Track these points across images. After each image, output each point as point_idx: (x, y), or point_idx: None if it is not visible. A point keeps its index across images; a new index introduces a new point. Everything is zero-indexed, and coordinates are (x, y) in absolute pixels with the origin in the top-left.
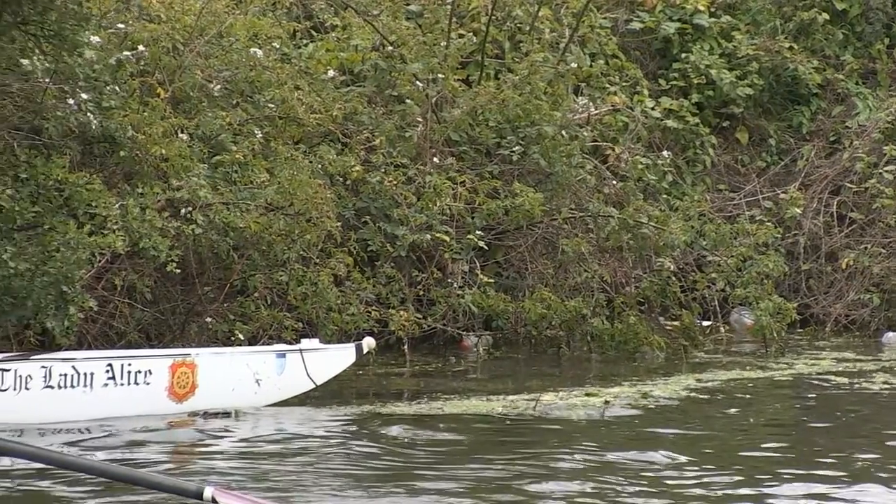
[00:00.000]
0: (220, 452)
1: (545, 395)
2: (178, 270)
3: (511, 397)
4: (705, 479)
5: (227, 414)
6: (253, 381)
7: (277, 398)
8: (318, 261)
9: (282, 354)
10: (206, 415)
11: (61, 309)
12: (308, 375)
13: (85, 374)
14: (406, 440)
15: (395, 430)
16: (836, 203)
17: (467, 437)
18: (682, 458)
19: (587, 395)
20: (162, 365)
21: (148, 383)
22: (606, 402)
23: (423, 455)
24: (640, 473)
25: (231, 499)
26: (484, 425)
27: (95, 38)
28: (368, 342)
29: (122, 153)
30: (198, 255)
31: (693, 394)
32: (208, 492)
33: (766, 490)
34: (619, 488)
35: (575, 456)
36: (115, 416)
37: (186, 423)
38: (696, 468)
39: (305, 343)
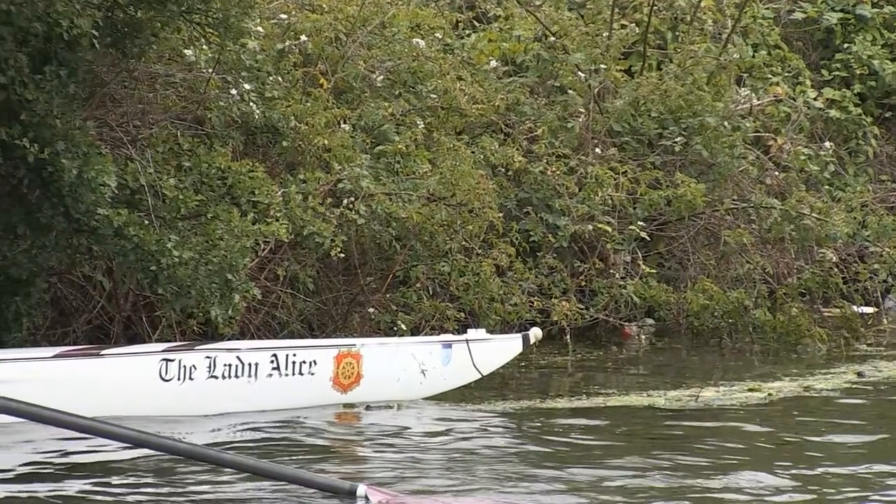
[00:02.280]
0: (378, 445)
1: (705, 389)
2: (342, 255)
3: (672, 392)
4: (872, 473)
5: (388, 406)
6: (418, 371)
7: (443, 389)
8: (480, 251)
9: (447, 345)
10: (369, 407)
11: (225, 297)
12: (474, 366)
13: (249, 365)
14: (565, 432)
15: (554, 422)
16: None
17: (627, 429)
18: (846, 451)
19: (750, 390)
20: (327, 355)
21: (312, 373)
22: (769, 395)
23: (582, 448)
24: (797, 466)
25: (383, 496)
26: (644, 418)
27: (259, 29)
28: (535, 333)
29: (284, 143)
30: (360, 245)
31: (855, 385)
32: (361, 490)
33: None
34: (779, 481)
35: (734, 449)
36: (279, 406)
37: (347, 414)
38: (860, 461)
39: (471, 333)
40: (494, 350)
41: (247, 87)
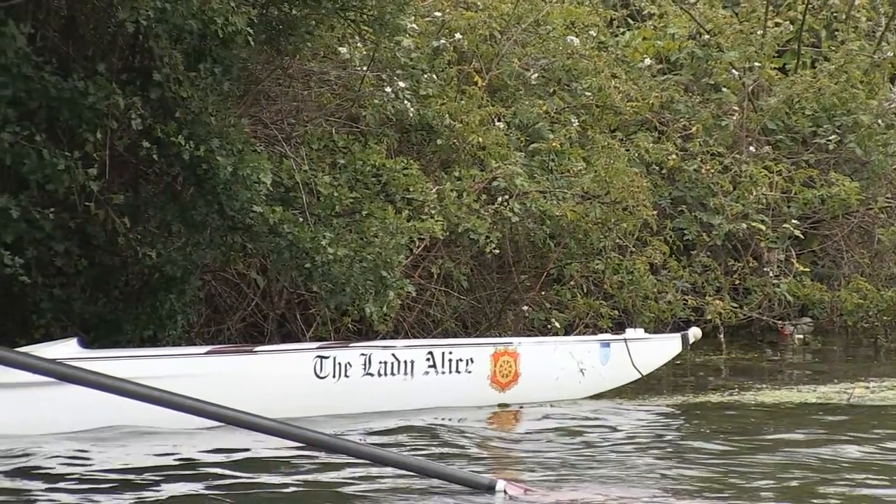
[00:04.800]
0: (529, 442)
1: (857, 386)
2: (497, 251)
3: (824, 389)
4: None
5: (541, 405)
6: (577, 370)
7: (601, 388)
8: (633, 249)
9: (606, 344)
10: (521, 406)
11: (380, 294)
12: (633, 365)
13: (405, 362)
14: (716, 428)
15: (705, 418)
16: None
17: (776, 425)
18: None
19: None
20: (483, 353)
21: (469, 372)
22: None
23: (731, 444)
24: None
25: (523, 491)
26: (794, 415)
27: (414, 26)
28: (694, 332)
29: (439, 141)
30: (514, 243)
31: None
32: (500, 485)
33: None
34: None
35: (885, 446)
36: (435, 404)
37: (501, 412)
38: None
39: (630, 332)
40: (653, 350)
41: (401, 84)
